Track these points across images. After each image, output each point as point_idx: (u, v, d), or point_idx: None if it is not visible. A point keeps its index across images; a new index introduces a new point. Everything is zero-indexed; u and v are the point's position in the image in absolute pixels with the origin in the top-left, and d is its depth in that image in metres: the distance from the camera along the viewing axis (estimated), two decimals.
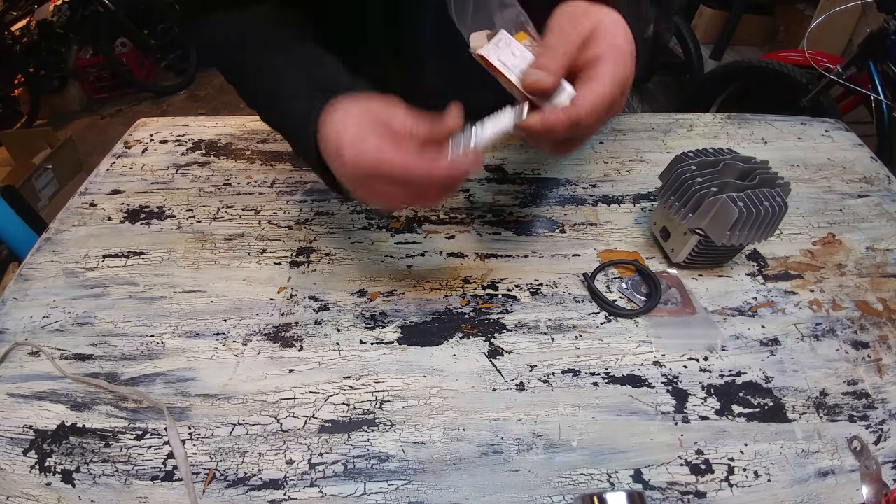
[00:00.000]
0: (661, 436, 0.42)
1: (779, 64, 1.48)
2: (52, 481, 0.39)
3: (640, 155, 0.70)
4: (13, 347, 0.48)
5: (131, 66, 2.73)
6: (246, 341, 0.49)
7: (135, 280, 0.54)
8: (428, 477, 0.40)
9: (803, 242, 0.59)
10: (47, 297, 0.52)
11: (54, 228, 0.60)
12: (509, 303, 0.52)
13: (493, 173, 0.67)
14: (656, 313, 0.51)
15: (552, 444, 0.42)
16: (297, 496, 0.39)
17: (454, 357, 0.47)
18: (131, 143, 0.73)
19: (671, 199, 0.52)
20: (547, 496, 0.39)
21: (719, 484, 0.40)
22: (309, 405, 0.44)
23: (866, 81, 1.31)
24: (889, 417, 0.44)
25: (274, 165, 0.69)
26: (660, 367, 0.47)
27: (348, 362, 0.47)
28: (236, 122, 0.77)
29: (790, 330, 0.50)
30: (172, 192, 0.65)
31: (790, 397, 0.45)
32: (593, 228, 0.60)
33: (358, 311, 0.51)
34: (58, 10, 2.54)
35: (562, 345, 0.48)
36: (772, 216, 0.47)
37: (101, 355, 0.47)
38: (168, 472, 0.40)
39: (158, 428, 0.42)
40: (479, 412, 0.44)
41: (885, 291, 0.54)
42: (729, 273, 0.55)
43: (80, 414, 0.43)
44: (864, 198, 0.65)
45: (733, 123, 0.77)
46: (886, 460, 0.41)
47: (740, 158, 0.52)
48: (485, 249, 0.57)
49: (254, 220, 0.61)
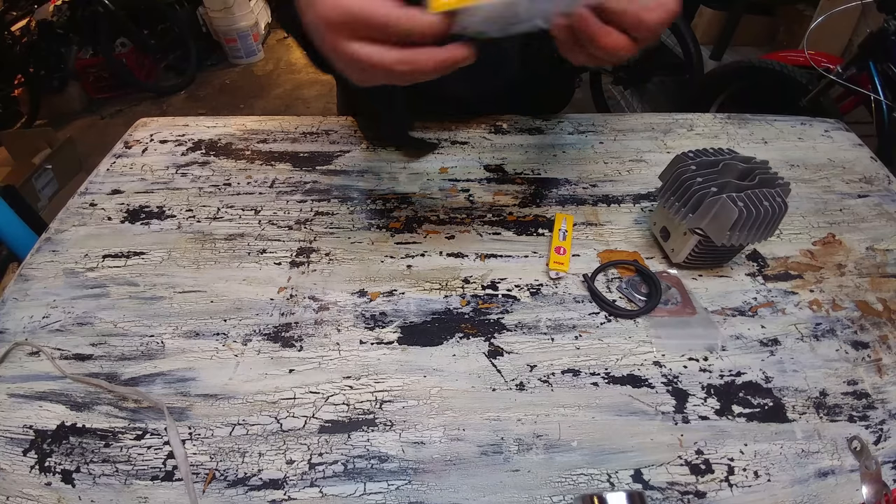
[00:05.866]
0: (661, 436, 0.42)
1: (779, 64, 1.48)
2: (52, 481, 0.39)
3: (640, 155, 0.71)
4: (13, 347, 0.48)
5: (131, 66, 2.73)
6: (246, 341, 0.49)
7: (135, 280, 0.54)
8: (428, 477, 0.40)
9: (803, 242, 0.59)
10: (47, 297, 0.52)
11: (54, 228, 0.60)
12: (509, 303, 0.52)
13: (493, 173, 0.67)
14: (656, 313, 0.51)
15: (552, 444, 0.42)
16: (297, 496, 0.39)
17: (454, 357, 0.48)
18: (131, 143, 0.73)
19: (671, 199, 0.52)
20: (547, 496, 0.39)
21: (719, 484, 0.40)
22: (309, 405, 0.44)
23: (866, 82, 1.31)
24: (889, 417, 0.44)
25: (274, 165, 0.69)
26: (660, 367, 0.47)
27: (348, 362, 0.47)
28: (236, 122, 0.77)
29: (790, 330, 0.50)
30: (172, 192, 0.65)
31: (790, 397, 0.45)
32: (593, 228, 0.60)
33: (358, 311, 0.51)
34: (58, 10, 2.54)
35: (562, 345, 0.48)
36: (772, 216, 0.47)
37: (101, 355, 0.47)
38: (168, 472, 0.40)
39: (158, 428, 0.42)
40: (479, 412, 0.44)
41: (885, 291, 0.54)
42: (729, 273, 0.55)
43: (80, 414, 0.43)
44: (864, 198, 0.65)
45: (733, 123, 0.77)
46: (886, 460, 0.41)
47: (740, 158, 0.52)
48: (485, 249, 0.57)
49: (254, 220, 0.61)
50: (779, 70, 1.46)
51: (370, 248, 0.58)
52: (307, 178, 0.67)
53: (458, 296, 0.53)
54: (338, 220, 0.61)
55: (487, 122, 0.76)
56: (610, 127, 0.76)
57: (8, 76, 2.53)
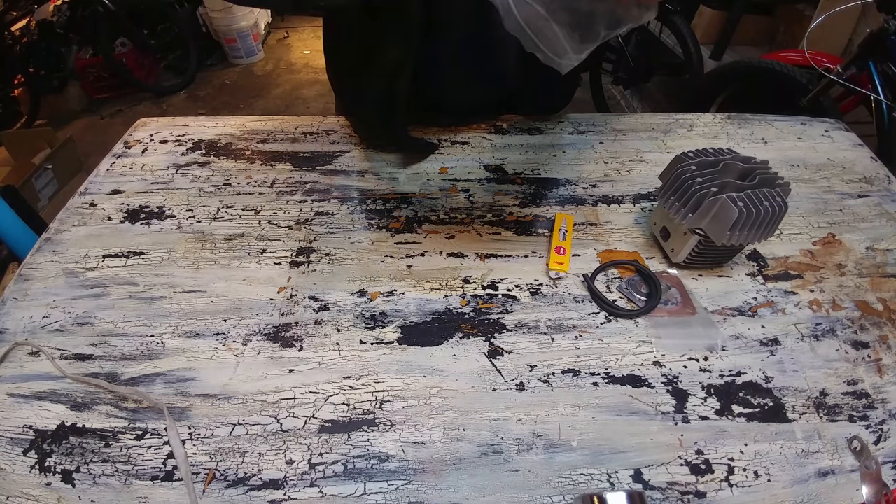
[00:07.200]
0: (661, 436, 0.42)
1: (779, 64, 1.47)
2: (52, 481, 0.39)
3: (640, 155, 0.70)
4: (13, 347, 0.48)
5: (131, 66, 2.72)
6: (246, 341, 0.49)
7: (135, 280, 0.54)
8: (428, 477, 0.40)
9: (803, 242, 0.59)
10: (47, 297, 0.52)
11: (54, 228, 0.60)
12: (509, 303, 0.52)
13: (493, 173, 0.67)
14: (656, 313, 0.51)
15: (552, 444, 0.42)
16: (297, 496, 0.39)
17: (454, 357, 0.47)
18: (131, 143, 0.73)
19: (671, 199, 0.52)
20: (547, 496, 0.39)
21: (719, 484, 0.40)
22: (309, 405, 0.44)
23: (866, 81, 1.31)
24: (889, 417, 0.44)
25: (274, 165, 0.69)
26: (660, 367, 0.47)
27: (348, 362, 0.47)
28: (236, 122, 0.77)
29: (790, 330, 0.50)
30: (172, 192, 0.65)
31: (790, 397, 0.45)
32: (593, 228, 0.60)
33: (358, 311, 0.51)
34: (58, 10, 2.54)
35: (562, 345, 0.48)
36: (772, 216, 0.47)
37: (101, 355, 0.47)
38: (168, 472, 0.40)
39: (158, 428, 0.42)
40: (479, 412, 0.44)
41: (885, 291, 0.54)
42: (729, 273, 0.55)
43: (80, 414, 0.43)
44: (864, 198, 0.65)
45: (733, 123, 0.77)
46: (886, 460, 0.41)
47: (740, 158, 0.52)
48: (485, 249, 0.57)
49: (254, 220, 0.61)
50: (779, 70, 1.46)
51: (370, 248, 0.58)
52: (307, 178, 0.67)
53: (458, 296, 0.53)
54: (338, 220, 0.61)
55: (487, 122, 0.76)
56: (610, 127, 0.76)
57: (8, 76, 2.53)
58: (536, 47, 0.40)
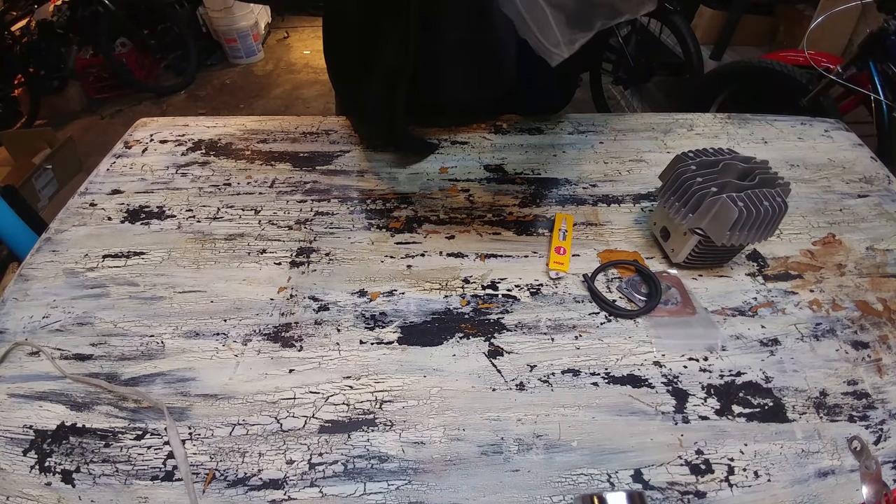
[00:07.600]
0: (661, 436, 0.42)
1: (779, 64, 1.47)
2: (52, 481, 0.39)
3: (640, 155, 0.70)
4: (13, 347, 0.48)
5: (131, 66, 2.72)
6: (246, 341, 0.49)
7: (135, 280, 0.54)
8: (428, 477, 0.40)
9: (803, 242, 0.59)
10: (47, 297, 0.52)
11: (54, 228, 0.60)
12: (509, 303, 0.52)
13: (493, 173, 0.67)
14: (656, 313, 0.51)
15: (552, 444, 0.42)
16: (297, 496, 0.39)
17: (454, 357, 0.47)
18: (131, 143, 0.73)
19: (671, 199, 0.52)
20: (547, 496, 0.39)
21: (719, 484, 0.40)
22: (309, 405, 0.44)
23: (866, 81, 1.31)
24: (889, 417, 0.44)
25: (274, 165, 0.69)
26: (660, 367, 0.47)
27: (348, 362, 0.47)
28: (236, 122, 0.77)
29: (790, 330, 0.50)
30: (172, 192, 0.65)
31: (790, 397, 0.45)
32: (593, 228, 0.60)
33: (358, 311, 0.51)
34: (58, 10, 2.54)
35: (562, 345, 0.48)
36: (772, 216, 0.47)
37: (101, 355, 0.47)
38: (168, 472, 0.40)
39: (158, 428, 0.42)
40: (479, 412, 0.44)
41: (885, 291, 0.54)
42: (729, 273, 0.55)
43: (80, 414, 0.43)
44: (864, 198, 0.65)
45: (733, 123, 0.77)
46: (886, 460, 0.41)
47: (740, 158, 0.52)
48: (485, 249, 0.57)
49: (254, 220, 0.61)
50: (779, 70, 1.46)
51: (370, 248, 0.58)
52: (307, 178, 0.67)
53: (458, 296, 0.53)
54: (338, 220, 0.61)
55: (487, 122, 0.76)
56: (610, 127, 0.76)
57: (8, 76, 2.53)
58: (529, 31, 0.40)
